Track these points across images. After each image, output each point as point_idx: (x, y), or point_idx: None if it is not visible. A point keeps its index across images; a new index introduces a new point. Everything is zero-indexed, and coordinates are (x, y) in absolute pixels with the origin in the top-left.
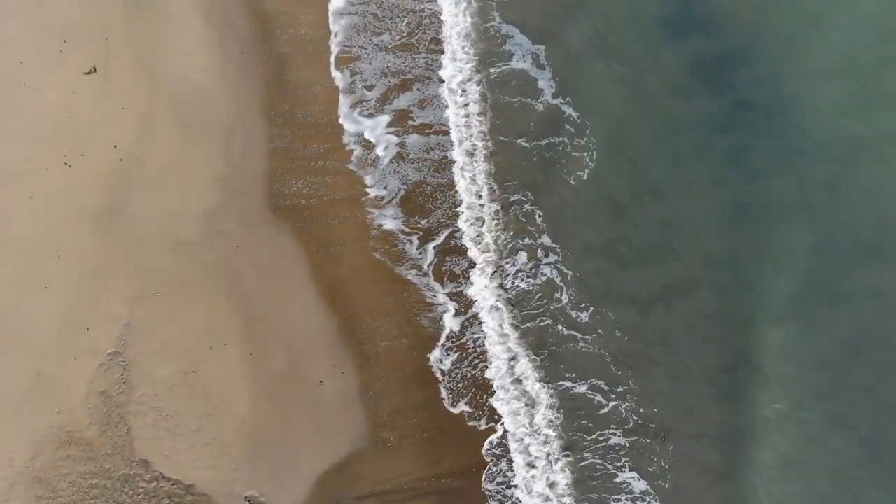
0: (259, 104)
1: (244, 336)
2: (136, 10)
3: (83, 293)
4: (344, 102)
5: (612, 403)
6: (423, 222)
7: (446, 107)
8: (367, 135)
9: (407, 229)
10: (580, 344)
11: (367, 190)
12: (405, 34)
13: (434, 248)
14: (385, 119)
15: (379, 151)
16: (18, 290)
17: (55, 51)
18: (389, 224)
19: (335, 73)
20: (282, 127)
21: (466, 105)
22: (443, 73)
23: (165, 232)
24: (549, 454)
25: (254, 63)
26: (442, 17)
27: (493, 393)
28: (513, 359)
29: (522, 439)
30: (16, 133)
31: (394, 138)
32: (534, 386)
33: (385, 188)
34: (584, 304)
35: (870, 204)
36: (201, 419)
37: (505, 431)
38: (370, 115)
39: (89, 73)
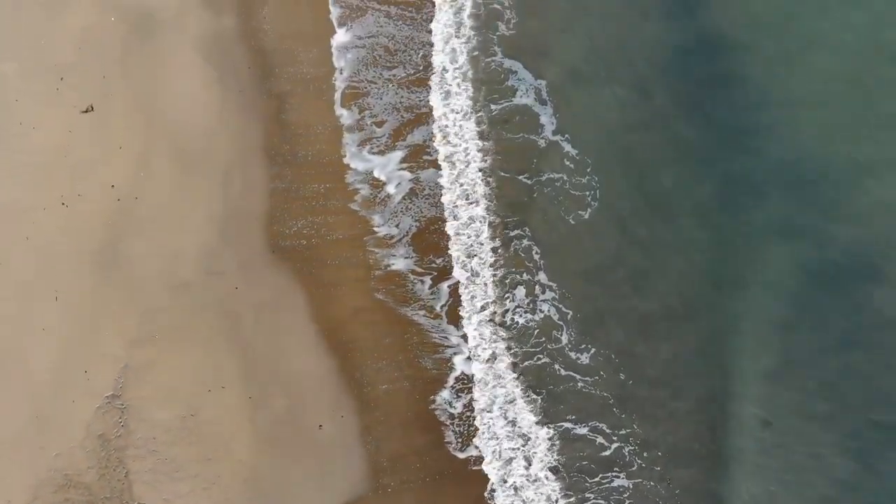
0: (259, 143)
1: (243, 379)
2: (133, 47)
3: (81, 335)
4: (352, 140)
5: (614, 445)
6: (439, 261)
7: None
8: (376, 173)
9: (419, 269)
10: (580, 384)
11: (376, 229)
12: (421, 68)
13: (449, 287)
14: (398, 155)
15: (390, 189)
16: (16, 332)
17: (52, 89)
18: (399, 264)
19: (341, 111)
20: (282, 167)
21: (465, 141)
22: (439, 108)
23: (164, 273)
24: (549, 496)
25: (254, 102)
26: (432, 60)
27: (497, 436)
28: (511, 401)
29: (518, 482)
30: (12, 172)
31: (407, 174)
32: (532, 427)
33: (396, 226)
34: (584, 346)
35: (870, 227)
36: (200, 463)
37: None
38: (381, 152)
39: (86, 111)
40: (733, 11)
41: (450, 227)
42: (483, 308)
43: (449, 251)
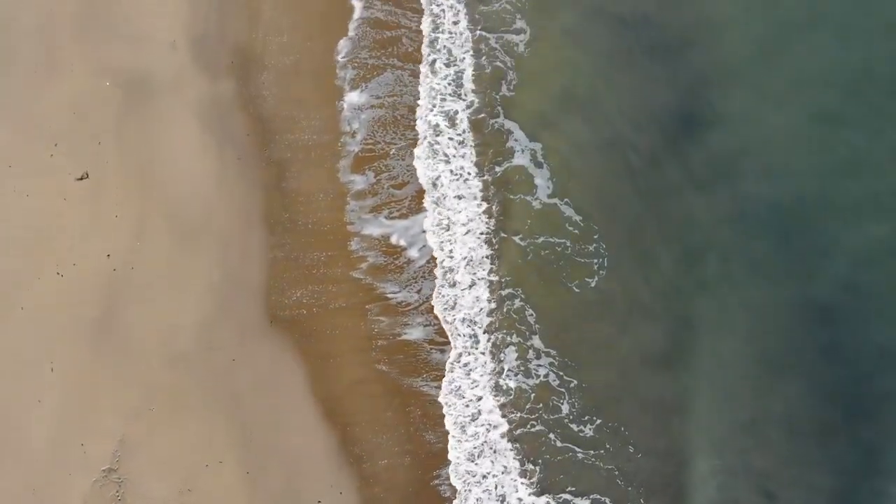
0: (258, 212)
1: (241, 453)
2: (129, 113)
3: (77, 407)
4: (363, 206)
5: None
6: None
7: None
8: (395, 238)
9: (440, 339)
10: (580, 455)
11: (389, 296)
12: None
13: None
14: (424, 217)
15: (413, 253)
16: (10, 404)
17: (46, 155)
18: (415, 333)
19: (352, 177)
20: (281, 235)
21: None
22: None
23: (160, 344)
24: None
25: (253, 169)
26: (417, 114)
27: None
28: (505, 472)
29: None
30: (5, 240)
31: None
32: (527, 498)
33: (417, 292)
34: (587, 417)
35: (868, 267)
36: None
37: None
38: (403, 216)
39: (81, 178)
40: (724, 56)
41: (446, 296)
42: (482, 376)
43: (452, 315)
